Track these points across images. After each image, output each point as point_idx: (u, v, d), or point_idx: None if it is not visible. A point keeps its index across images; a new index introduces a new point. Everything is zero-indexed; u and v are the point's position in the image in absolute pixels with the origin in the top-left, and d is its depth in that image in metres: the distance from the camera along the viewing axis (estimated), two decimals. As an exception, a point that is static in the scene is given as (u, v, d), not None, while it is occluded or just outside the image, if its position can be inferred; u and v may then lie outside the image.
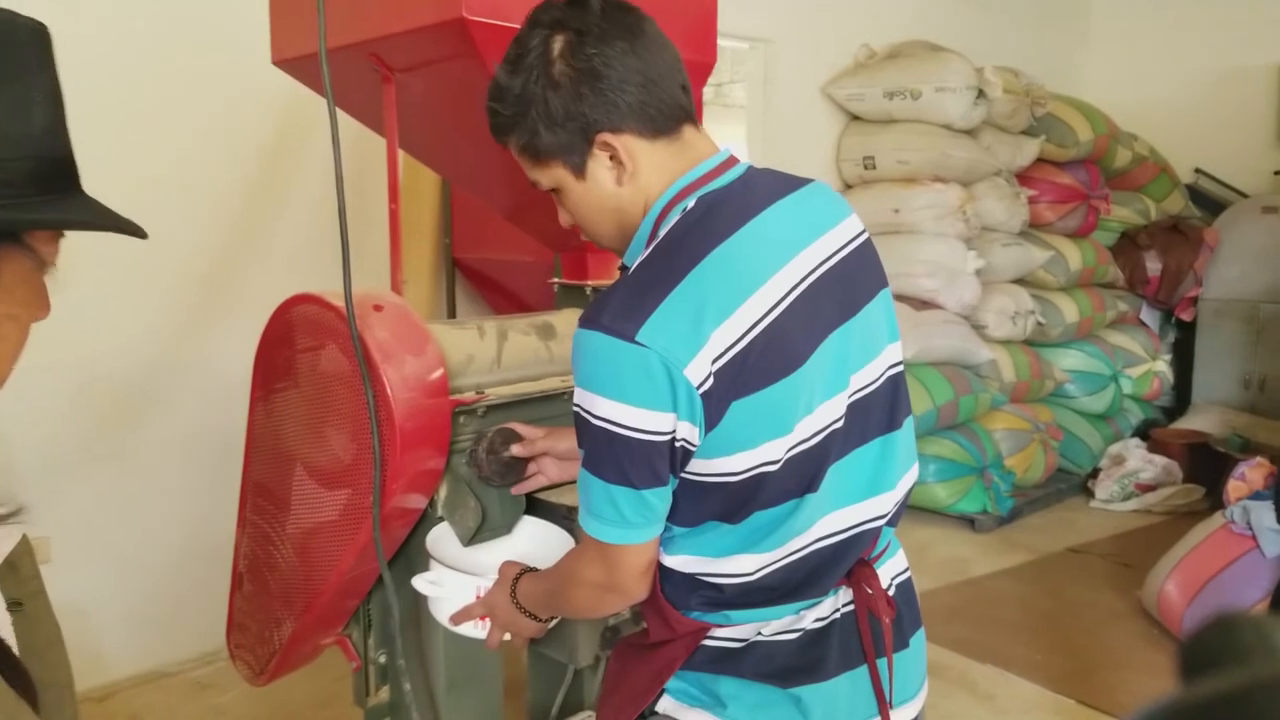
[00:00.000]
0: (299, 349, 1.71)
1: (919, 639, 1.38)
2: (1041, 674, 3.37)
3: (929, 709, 3.15)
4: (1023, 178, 5.51)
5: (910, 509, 4.74)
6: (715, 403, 1.11)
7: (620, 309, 1.12)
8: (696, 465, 1.17)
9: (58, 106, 0.83)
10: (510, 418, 1.78)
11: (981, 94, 5.00)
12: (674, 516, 1.22)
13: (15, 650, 0.86)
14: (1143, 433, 5.87)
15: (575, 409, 1.16)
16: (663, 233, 1.20)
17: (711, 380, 1.11)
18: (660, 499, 1.18)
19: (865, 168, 5.18)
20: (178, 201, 3.25)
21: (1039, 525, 4.99)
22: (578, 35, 1.17)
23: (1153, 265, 6.13)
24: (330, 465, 1.69)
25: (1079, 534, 4.87)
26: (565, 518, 1.76)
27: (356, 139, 3.71)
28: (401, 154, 1.93)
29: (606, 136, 1.19)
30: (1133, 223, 6.19)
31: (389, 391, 1.57)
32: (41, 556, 0.90)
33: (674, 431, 1.12)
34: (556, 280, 2.15)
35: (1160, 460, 5.38)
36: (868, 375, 1.26)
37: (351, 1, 1.66)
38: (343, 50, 1.61)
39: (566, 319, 2.02)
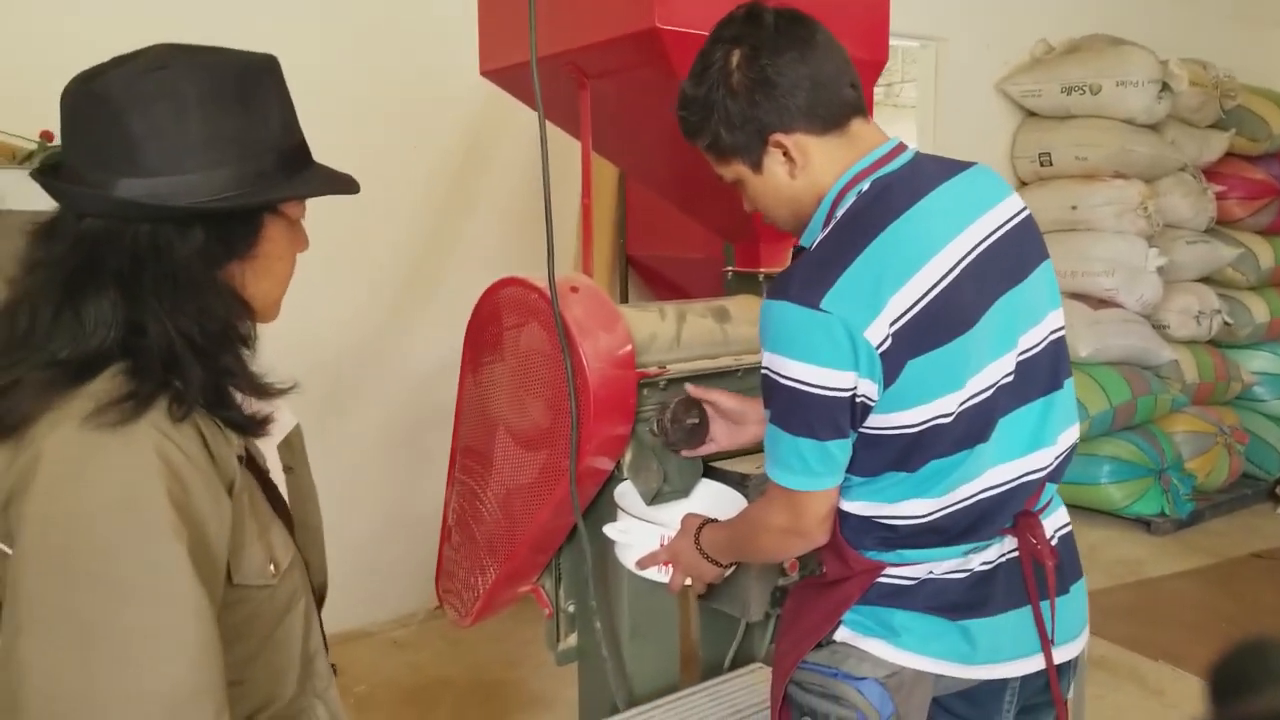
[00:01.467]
0: (505, 326, 1.93)
1: (1080, 587, 1.49)
2: (1218, 674, 3.29)
3: (1095, 700, 3.15)
4: (1210, 173, 5.31)
5: (1082, 510, 4.72)
6: (893, 361, 1.27)
7: (805, 281, 1.29)
8: (875, 419, 1.31)
9: (288, 110, 1.13)
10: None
11: (1166, 87, 4.85)
12: (853, 467, 1.36)
13: (285, 501, 1.20)
14: (1342, 439, 5.55)
15: (764, 371, 1.33)
16: (839, 214, 1.35)
17: (889, 341, 1.26)
18: (841, 450, 1.33)
19: (1041, 164, 5.11)
20: (381, 204, 3.57)
21: (1221, 530, 4.82)
22: (753, 49, 1.35)
23: (1357, 263, 5.77)
24: (530, 430, 1.90)
25: (1264, 539, 4.68)
26: (739, 483, 1.92)
27: (537, 143, 3.96)
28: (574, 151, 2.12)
29: (779, 136, 1.37)
30: (1336, 219, 5.85)
31: (585, 363, 1.76)
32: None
33: (855, 388, 1.28)
34: (730, 269, 2.30)
35: (1360, 468, 5.09)
36: (1034, 337, 1.38)
37: (553, 16, 1.86)
38: (544, 60, 1.81)
39: (740, 304, 2.17)
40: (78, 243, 1.00)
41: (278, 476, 1.18)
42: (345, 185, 1.16)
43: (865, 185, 1.35)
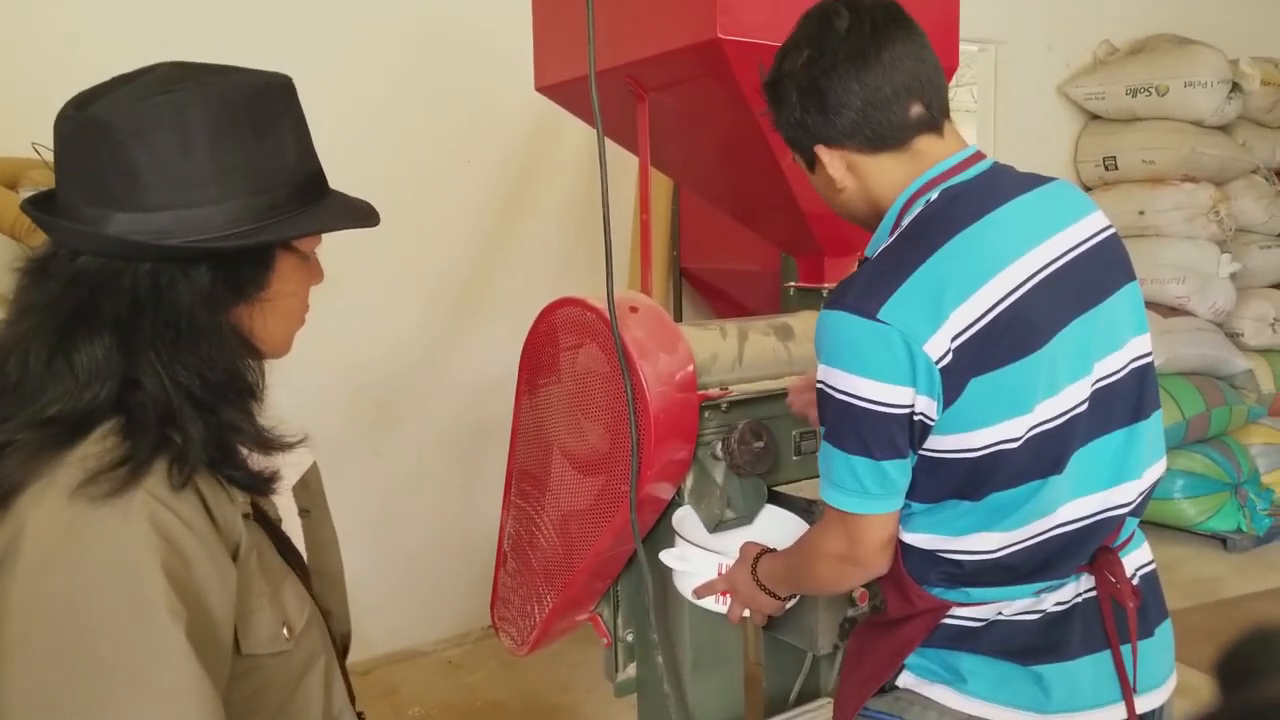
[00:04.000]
0: (562, 347, 1.87)
1: (1165, 629, 1.38)
2: (1306, 703, 3.14)
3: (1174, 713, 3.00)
4: (1284, 175, 5.14)
5: (1156, 526, 4.55)
6: (954, 378, 1.18)
7: (864, 290, 1.21)
8: (935, 441, 1.23)
9: (304, 136, 1.04)
10: (751, 414, 1.88)
11: (1236, 87, 4.72)
12: (913, 493, 1.27)
13: (302, 546, 1.11)
14: None
15: (819, 385, 1.26)
16: (905, 222, 1.28)
17: (951, 356, 1.17)
18: (899, 471, 1.24)
19: (1106, 168, 4.98)
20: (435, 220, 3.55)
21: (1302, 547, 4.63)
22: (811, 56, 1.28)
23: None
24: (588, 454, 1.84)
25: (1349, 558, 4.48)
26: (805, 510, 1.84)
27: (592, 156, 3.92)
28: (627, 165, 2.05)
29: (820, 149, 1.31)
30: None
31: (645, 386, 1.69)
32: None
33: (913, 405, 1.19)
34: (792, 284, 2.22)
35: None
36: (1112, 364, 1.28)
37: (610, 30, 1.80)
38: (601, 74, 1.75)
39: (803, 321, 2.09)
40: (72, 283, 0.92)
41: (293, 521, 1.10)
42: (363, 217, 1.07)
43: (934, 195, 1.27)
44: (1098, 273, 1.29)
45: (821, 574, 1.40)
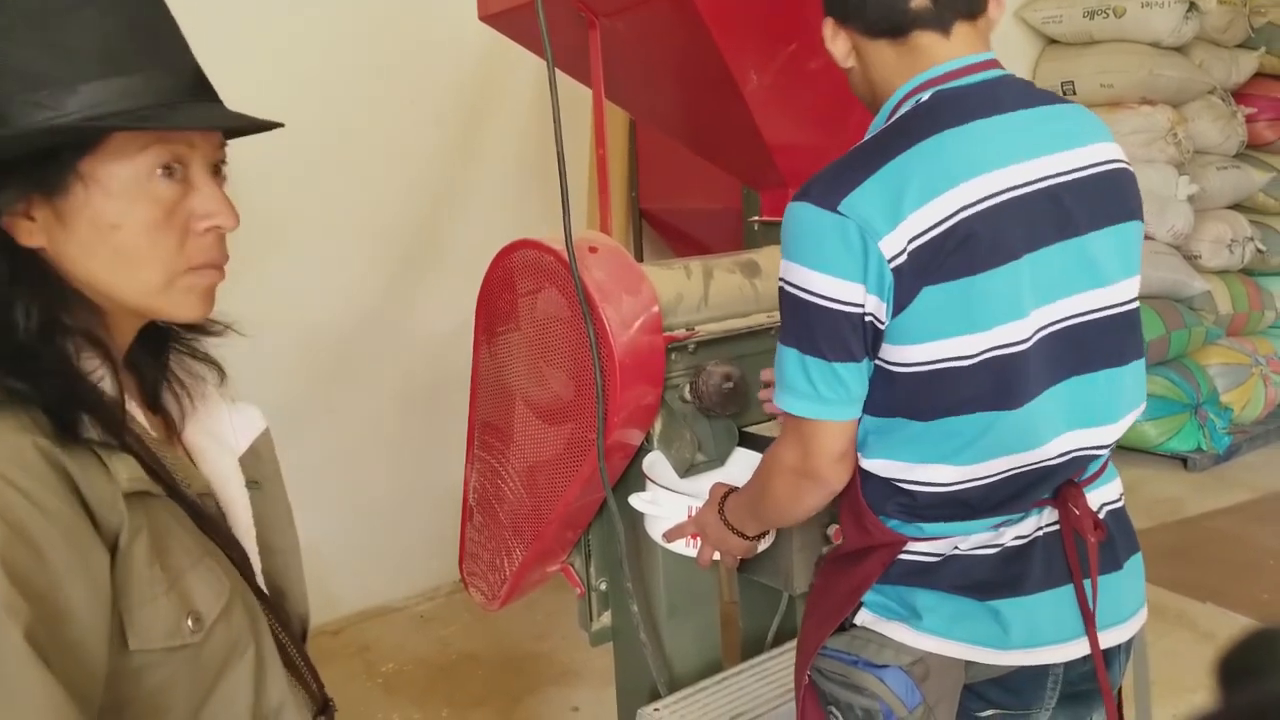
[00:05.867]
0: (520, 293, 1.80)
1: (1135, 563, 1.35)
2: (1267, 612, 3.21)
3: (1146, 646, 3.03)
4: (1240, 95, 5.12)
5: (1117, 448, 4.59)
6: (906, 282, 1.14)
7: (830, 183, 1.18)
8: (887, 351, 1.19)
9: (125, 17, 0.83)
10: (719, 354, 1.82)
11: (1193, 7, 4.67)
12: (866, 405, 1.24)
13: (248, 521, 0.99)
14: (1381, 366, 5.40)
15: (779, 281, 1.23)
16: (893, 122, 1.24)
17: (905, 258, 1.14)
18: (853, 376, 1.21)
19: (1064, 93, 4.92)
20: (381, 163, 3.42)
21: (1260, 463, 4.71)
22: None
23: (1393, 184, 5.59)
24: (552, 403, 1.78)
25: (1306, 473, 4.57)
26: (777, 450, 1.80)
27: (544, 91, 3.79)
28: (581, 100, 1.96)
29: (830, 22, 1.29)
30: (1370, 139, 5.65)
31: (609, 329, 1.63)
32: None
33: (863, 305, 1.16)
34: (756, 219, 2.16)
35: (1400, 394, 4.95)
36: (1091, 301, 1.23)
37: (557, -48, 1.71)
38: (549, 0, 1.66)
39: (769, 256, 2.03)
40: None
41: (237, 495, 0.99)
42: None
43: (926, 95, 1.22)
44: (1091, 203, 1.22)
45: (778, 491, 1.35)
